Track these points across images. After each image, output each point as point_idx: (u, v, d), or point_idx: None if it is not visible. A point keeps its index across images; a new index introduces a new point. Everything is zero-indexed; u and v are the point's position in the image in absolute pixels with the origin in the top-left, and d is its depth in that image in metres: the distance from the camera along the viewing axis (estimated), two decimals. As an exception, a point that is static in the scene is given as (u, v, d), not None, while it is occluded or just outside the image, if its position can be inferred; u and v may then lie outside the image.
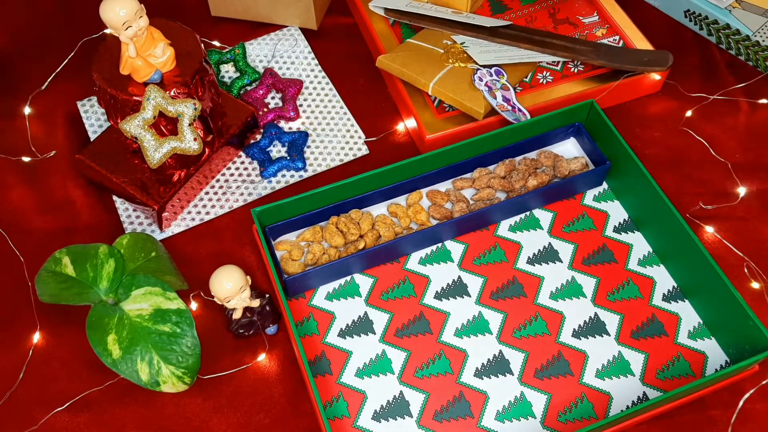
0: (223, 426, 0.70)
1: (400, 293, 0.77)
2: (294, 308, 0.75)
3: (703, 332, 0.74)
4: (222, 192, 0.85)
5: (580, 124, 0.84)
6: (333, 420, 0.69)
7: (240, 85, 0.92)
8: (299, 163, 0.86)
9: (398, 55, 0.88)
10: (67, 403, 0.71)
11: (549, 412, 0.69)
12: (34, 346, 0.75)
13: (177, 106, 0.74)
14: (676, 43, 0.98)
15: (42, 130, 0.91)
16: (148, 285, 0.70)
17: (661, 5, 1.01)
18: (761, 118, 0.90)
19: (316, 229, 0.79)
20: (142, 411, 0.71)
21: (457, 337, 0.74)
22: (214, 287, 0.70)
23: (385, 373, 0.72)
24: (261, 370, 0.73)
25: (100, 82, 0.75)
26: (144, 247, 0.74)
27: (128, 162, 0.81)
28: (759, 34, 0.93)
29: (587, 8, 0.97)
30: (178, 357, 0.69)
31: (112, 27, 0.70)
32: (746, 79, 0.93)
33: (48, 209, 0.84)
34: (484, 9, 0.97)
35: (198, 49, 0.77)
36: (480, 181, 0.82)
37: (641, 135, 0.89)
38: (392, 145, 0.89)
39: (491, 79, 0.85)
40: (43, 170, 0.87)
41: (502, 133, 0.81)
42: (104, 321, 0.69)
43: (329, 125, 0.90)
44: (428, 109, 0.86)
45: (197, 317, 0.75)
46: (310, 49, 0.97)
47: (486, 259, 0.79)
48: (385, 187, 0.80)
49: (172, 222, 0.82)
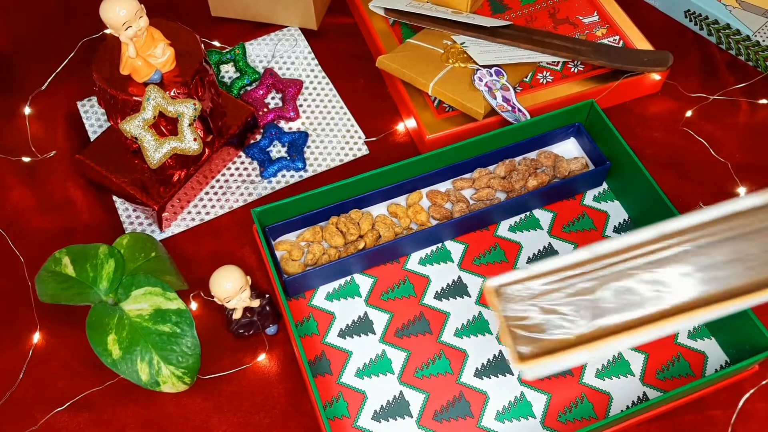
0: (223, 426, 0.70)
1: (400, 293, 0.77)
2: (294, 308, 0.75)
3: (703, 332, 0.74)
4: (222, 192, 0.85)
5: (580, 125, 0.84)
6: (333, 420, 0.69)
7: (240, 85, 0.92)
8: (299, 163, 0.86)
9: (398, 55, 0.88)
10: (67, 403, 0.71)
11: (549, 412, 0.69)
12: (34, 346, 0.75)
13: (177, 106, 0.74)
14: (676, 43, 0.98)
15: (42, 130, 0.91)
16: (148, 285, 0.70)
17: (661, 5, 1.01)
18: (761, 118, 0.90)
19: (316, 229, 0.79)
20: (142, 411, 0.71)
21: (457, 337, 0.74)
22: (214, 287, 0.70)
23: (385, 373, 0.72)
24: (261, 370, 0.73)
25: (100, 82, 0.75)
26: (144, 247, 0.74)
27: (128, 162, 0.81)
28: (759, 34, 0.93)
29: (587, 8, 0.97)
30: (178, 357, 0.69)
31: (112, 27, 0.70)
32: (746, 79, 0.93)
33: (48, 209, 0.84)
34: (484, 9, 0.97)
35: (198, 49, 0.77)
36: (480, 181, 0.82)
37: (641, 135, 0.89)
38: (392, 145, 0.89)
39: (491, 80, 0.85)
40: (43, 170, 0.87)
41: (502, 133, 0.81)
42: (104, 321, 0.69)
43: (329, 125, 0.90)
44: (428, 110, 0.87)
45: (197, 317, 0.75)
46: (310, 50, 0.97)
47: (486, 259, 0.79)
48: (385, 187, 0.80)
49: (172, 222, 0.82)
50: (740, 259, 0.52)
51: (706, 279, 0.54)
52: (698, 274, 0.54)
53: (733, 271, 0.53)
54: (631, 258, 0.55)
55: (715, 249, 0.53)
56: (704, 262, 0.53)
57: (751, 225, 0.54)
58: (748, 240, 0.53)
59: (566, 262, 0.55)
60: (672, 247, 0.54)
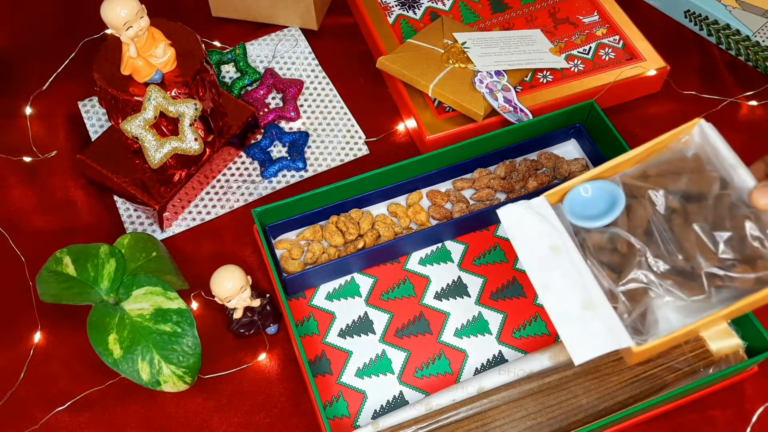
0: (223, 425, 0.70)
1: (400, 293, 0.77)
2: (294, 308, 0.75)
3: (703, 332, 0.74)
4: (223, 192, 0.85)
5: (581, 126, 0.84)
6: (333, 420, 0.69)
7: (241, 85, 0.93)
8: (299, 163, 0.86)
9: (398, 56, 0.88)
10: (68, 403, 0.71)
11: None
12: (35, 345, 0.75)
13: (178, 106, 0.74)
14: (676, 43, 0.98)
15: (43, 130, 0.91)
16: (148, 285, 0.70)
17: (661, 5, 1.01)
18: (761, 119, 0.91)
19: (316, 228, 0.79)
20: (143, 410, 0.71)
21: (456, 337, 0.74)
22: (215, 287, 0.70)
23: (385, 373, 0.72)
24: (261, 370, 0.73)
25: (101, 82, 0.75)
26: (145, 246, 0.75)
27: (129, 162, 0.82)
28: (759, 35, 0.93)
29: (587, 8, 0.97)
30: (179, 356, 0.69)
31: (113, 27, 0.70)
32: (746, 79, 0.93)
33: (49, 209, 0.84)
34: (485, 9, 0.97)
35: (199, 49, 0.78)
36: (480, 181, 0.82)
37: (641, 135, 0.89)
38: (392, 145, 0.89)
39: (492, 81, 0.85)
40: (45, 170, 0.87)
41: (503, 133, 0.81)
42: (105, 321, 0.69)
43: (329, 125, 0.90)
44: (428, 110, 0.87)
45: (198, 317, 0.75)
46: (310, 50, 0.97)
47: (486, 259, 0.79)
48: (385, 187, 0.80)
49: (172, 222, 0.83)
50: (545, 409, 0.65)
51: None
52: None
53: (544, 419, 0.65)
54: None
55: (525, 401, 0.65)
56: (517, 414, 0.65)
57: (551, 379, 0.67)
58: (547, 393, 0.65)
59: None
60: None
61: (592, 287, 0.55)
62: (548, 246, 0.57)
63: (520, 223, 0.58)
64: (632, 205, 0.57)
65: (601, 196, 0.58)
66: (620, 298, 0.55)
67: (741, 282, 0.53)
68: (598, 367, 0.67)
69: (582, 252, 0.57)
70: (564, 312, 0.55)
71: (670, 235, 0.55)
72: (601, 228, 0.57)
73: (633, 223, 0.56)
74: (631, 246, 0.55)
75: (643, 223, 0.55)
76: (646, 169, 0.58)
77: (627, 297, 0.55)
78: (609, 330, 0.53)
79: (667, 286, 0.54)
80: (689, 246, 0.54)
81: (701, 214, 0.54)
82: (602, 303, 0.54)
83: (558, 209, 0.59)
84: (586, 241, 0.57)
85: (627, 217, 0.56)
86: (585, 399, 0.66)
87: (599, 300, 0.54)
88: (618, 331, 0.53)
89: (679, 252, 0.54)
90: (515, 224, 0.59)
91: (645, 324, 0.54)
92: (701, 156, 0.56)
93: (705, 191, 0.55)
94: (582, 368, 0.67)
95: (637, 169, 0.58)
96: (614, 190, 0.57)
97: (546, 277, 0.56)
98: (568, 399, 0.66)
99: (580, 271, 0.56)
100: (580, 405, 0.66)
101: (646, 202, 0.56)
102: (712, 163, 0.56)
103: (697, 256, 0.53)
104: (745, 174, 0.54)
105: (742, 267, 0.53)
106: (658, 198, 0.55)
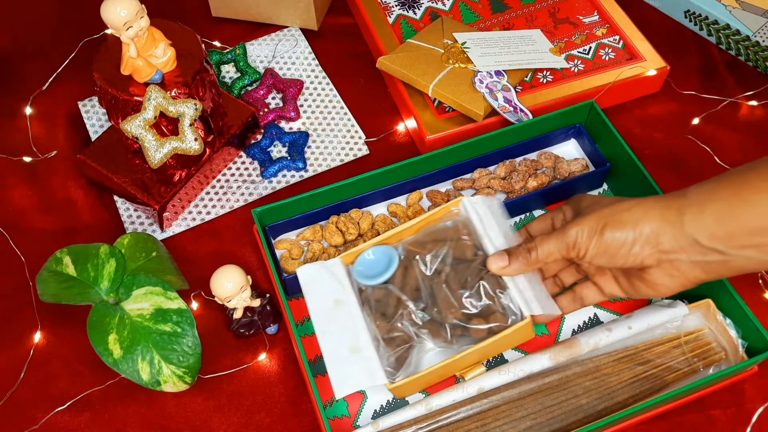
0: (223, 425, 0.70)
1: (400, 293, 0.77)
2: (294, 308, 0.75)
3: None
4: (223, 192, 0.85)
5: (581, 126, 0.84)
6: (333, 420, 0.69)
7: (241, 85, 0.93)
8: (300, 163, 0.86)
9: (398, 56, 0.88)
10: (68, 403, 0.71)
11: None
12: (35, 345, 0.75)
13: (178, 106, 0.74)
14: (676, 43, 0.98)
15: (43, 130, 0.91)
16: (148, 285, 0.70)
17: (661, 5, 1.01)
18: (762, 119, 0.91)
19: (316, 228, 0.79)
20: (143, 410, 0.71)
21: (456, 337, 0.74)
22: (215, 287, 0.70)
23: (385, 372, 0.72)
24: (261, 370, 0.73)
25: (101, 82, 0.75)
26: (145, 246, 0.75)
27: (129, 162, 0.82)
28: (759, 35, 0.93)
29: (587, 8, 0.97)
30: (179, 356, 0.69)
31: (113, 27, 0.70)
32: (746, 79, 0.93)
33: (49, 209, 0.84)
34: (485, 9, 0.97)
35: (199, 49, 0.78)
36: (480, 181, 0.82)
37: (641, 136, 0.89)
38: (392, 145, 0.89)
39: (492, 81, 0.85)
40: (45, 170, 0.87)
41: (503, 133, 0.81)
42: (105, 321, 0.69)
43: (329, 125, 0.90)
44: (428, 110, 0.87)
45: (198, 317, 0.75)
46: (310, 50, 0.97)
47: (486, 259, 0.79)
48: (385, 187, 0.80)
49: (172, 222, 0.83)
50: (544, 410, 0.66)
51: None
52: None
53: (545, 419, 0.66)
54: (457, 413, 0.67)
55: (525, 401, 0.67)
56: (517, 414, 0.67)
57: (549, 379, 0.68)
58: (547, 394, 0.67)
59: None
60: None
61: (362, 334, 0.66)
62: (333, 299, 0.68)
63: (314, 280, 0.70)
64: (407, 267, 0.68)
65: (382, 259, 0.69)
66: (381, 344, 0.65)
67: (475, 332, 0.64)
68: (598, 367, 0.67)
69: (362, 305, 0.68)
70: (335, 354, 0.66)
71: (430, 292, 0.66)
72: (381, 285, 0.68)
73: (406, 281, 0.67)
74: (400, 300, 0.66)
75: (414, 282, 0.67)
76: (422, 236, 0.69)
77: (386, 343, 0.65)
78: (367, 370, 0.64)
79: (422, 334, 0.65)
80: (441, 301, 0.65)
81: (456, 276, 0.66)
82: (367, 347, 0.66)
83: (350, 269, 0.70)
84: (371, 295, 0.68)
85: (402, 277, 0.67)
86: (585, 399, 0.66)
87: (365, 345, 0.66)
88: (375, 371, 0.64)
89: (434, 306, 0.65)
90: (310, 280, 0.70)
91: (402, 365, 0.65)
92: (461, 227, 0.68)
93: (463, 256, 0.67)
94: (582, 368, 0.67)
95: (415, 236, 0.70)
96: (392, 254, 0.68)
97: (326, 324, 0.67)
98: (568, 399, 0.66)
99: (354, 321, 0.67)
100: (580, 405, 0.66)
101: (419, 263, 0.67)
102: (471, 232, 0.68)
103: (444, 310, 0.64)
104: (488, 243, 0.66)
105: (477, 320, 0.64)
106: (428, 261, 0.67)
